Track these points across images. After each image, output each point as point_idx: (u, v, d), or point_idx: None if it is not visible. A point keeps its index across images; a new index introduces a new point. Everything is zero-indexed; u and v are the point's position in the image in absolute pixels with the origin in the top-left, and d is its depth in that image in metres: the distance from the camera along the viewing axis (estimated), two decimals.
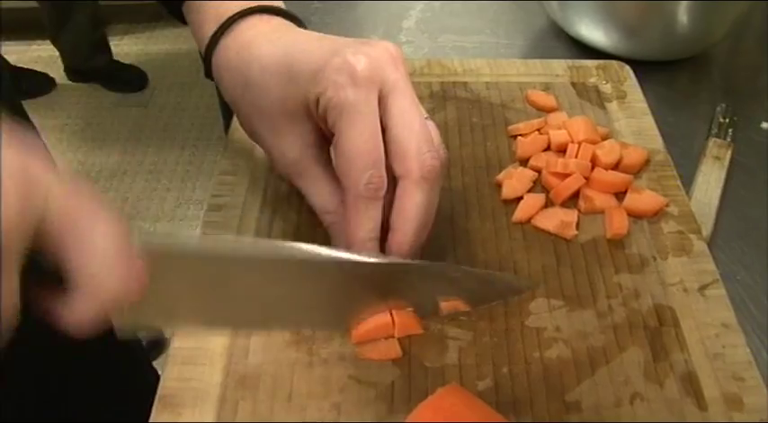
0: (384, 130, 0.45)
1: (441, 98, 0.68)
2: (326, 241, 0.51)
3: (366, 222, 0.45)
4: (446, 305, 0.49)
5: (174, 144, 2.47)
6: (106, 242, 0.33)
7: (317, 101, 0.46)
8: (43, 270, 0.32)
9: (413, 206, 0.45)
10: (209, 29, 0.53)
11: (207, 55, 0.53)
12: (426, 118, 0.48)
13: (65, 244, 0.32)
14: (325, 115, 0.46)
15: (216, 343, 0.48)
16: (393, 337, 0.48)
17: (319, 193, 0.50)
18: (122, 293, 0.34)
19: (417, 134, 0.45)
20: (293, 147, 0.49)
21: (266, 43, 0.50)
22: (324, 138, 0.50)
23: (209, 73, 0.54)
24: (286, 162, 0.50)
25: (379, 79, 0.45)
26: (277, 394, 0.45)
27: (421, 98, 0.66)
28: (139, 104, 2.64)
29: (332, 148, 0.47)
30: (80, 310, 0.34)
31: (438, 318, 0.49)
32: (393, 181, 0.46)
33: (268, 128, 0.50)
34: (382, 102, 0.45)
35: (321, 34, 0.50)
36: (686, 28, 0.78)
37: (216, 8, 0.53)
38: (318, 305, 0.47)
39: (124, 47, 2.91)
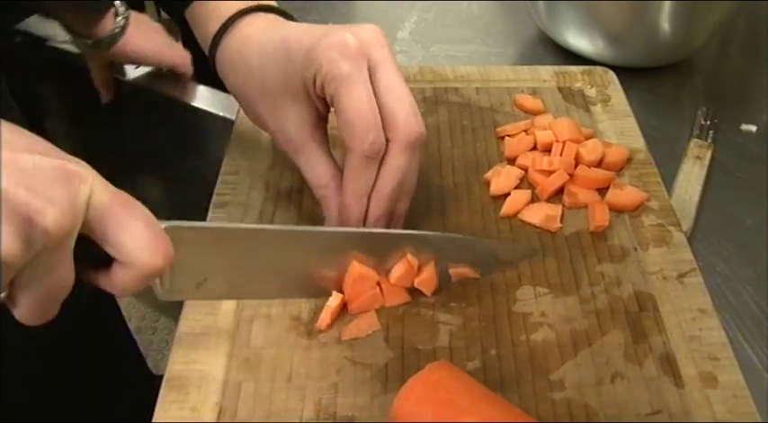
0: None
1: (433, 103, 0.71)
2: None
3: (364, 180, 0.50)
4: (455, 272, 0.53)
5: None
6: (140, 226, 0.40)
7: (315, 77, 0.50)
8: (91, 250, 0.39)
9: (397, 167, 0.50)
10: (212, 28, 0.57)
11: (211, 53, 0.58)
12: None
13: (107, 232, 0.39)
14: (323, 89, 0.50)
15: (220, 328, 0.51)
16: (384, 306, 0.52)
17: (314, 168, 0.54)
18: (155, 267, 0.40)
19: (405, 103, 0.50)
20: (293, 124, 0.54)
21: (264, 35, 0.55)
22: (320, 117, 0.54)
23: (213, 68, 0.59)
24: (286, 138, 0.55)
25: (367, 54, 0.50)
26: (278, 375, 0.48)
27: None
28: None
29: (335, 116, 0.51)
30: (123, 282, 0.41)
31: (431, 299, 0.53)
32: None
33: (270, 110, 0.55)
34: (370, 74, 0.50)
35: (312, 24, 0.54)
36: (668, 36, 0.81)
37: (217, 9, 0.58)
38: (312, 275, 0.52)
39: None
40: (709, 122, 0.77)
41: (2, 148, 0.34)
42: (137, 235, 0.39)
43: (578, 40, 0.85)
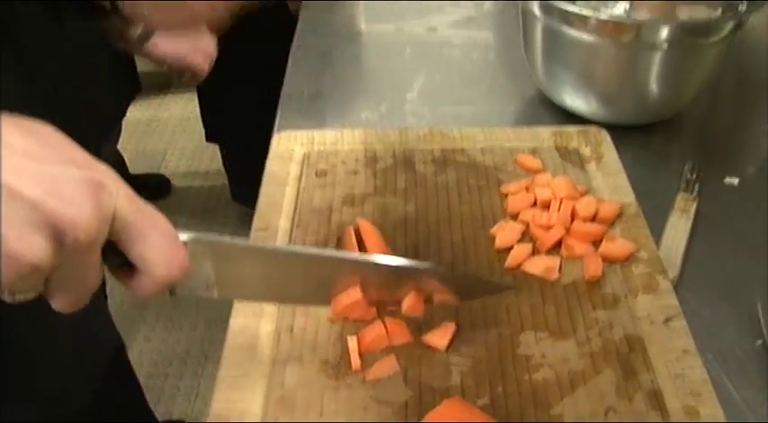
0: None
1: (442, 163, 0.78)
2: None
3: None
4: (438, 298, 0.60)
5: (184, 208, 2.57)
6: (160, 239, 0.44)
7: None
8: (118, 252, 0.43)
9: None
10: None
11: None
12: None
13: (129, 243, 0.43)
14: None
15: (257, 371, 0.57)
16: (390, 345, 0.59)
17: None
18: (172, 275, 0.44)
19: None
20: None
21: None
22: None
23: None
24: None
25: None
26: (310, 413, 0.55)
27: (424, 162, 0.77)
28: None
29: None
30: (144, 286, 0.45)
31: (440, 341, 0.60)
32: None
33: None
34: None
35: None
36: (656, 97, 0.89)
37: None
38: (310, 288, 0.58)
39: (136, 113, 3.04)
40: (694, 176, 0.84)
41: (34, 160, 0.38)
42: (156, 249, 0.43)
43: (574, 101, 0.92)
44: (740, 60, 1.09)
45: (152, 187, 2.65)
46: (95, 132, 1.27)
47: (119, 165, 2.55)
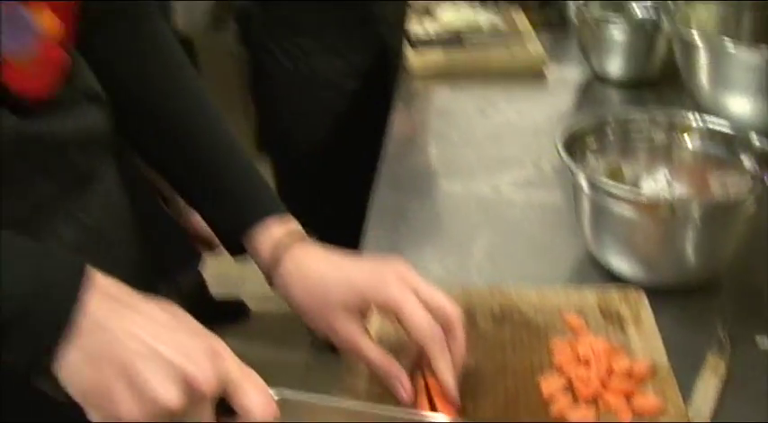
0: None
1: (500, 319, 0.92)
2: None
3: (447, 357, 0.73)
4: None
5: (261, 333, 2.70)
6: (257, 393, 0.57)
7: (382, 301, 0.74)
8: (223, 402, 0.57)
9: (461, 337, 0.76)
10: (267, 250, 0.81)
11: (268, 276, 0.81)
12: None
13: (234, 396, 0.56)
14: (386, 307, 0.75)
15: None
16: None
17: (374, 355, 0.75)
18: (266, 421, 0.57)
19: (444, 300, 0.76)
20: (348, 328, 0.75)
21: (321, 264, 0.78)
22: (363, 320, 0.77)
23: (269, 282, 0.82)
24: (344, 338, 0.76)
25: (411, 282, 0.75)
26: None
27: (485, 318, 0.90)
28: None
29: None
30: None
31: None
32: None
33: (329, 318, 0.76)
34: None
35: (342, 257, 0.79)
36: (693, 264, 1.00)
37: (267, 232, 0.81)
38: None
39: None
40: (726, 337, 0.94)
41: (171, 331, 0.53)
42: (254, 401, 0.56)
43: (619, 265, 1.04)
44: None
45: (231, 312, 2.81)
46: (177, 261, 1.44)
47: (199, 287, 2.71)
